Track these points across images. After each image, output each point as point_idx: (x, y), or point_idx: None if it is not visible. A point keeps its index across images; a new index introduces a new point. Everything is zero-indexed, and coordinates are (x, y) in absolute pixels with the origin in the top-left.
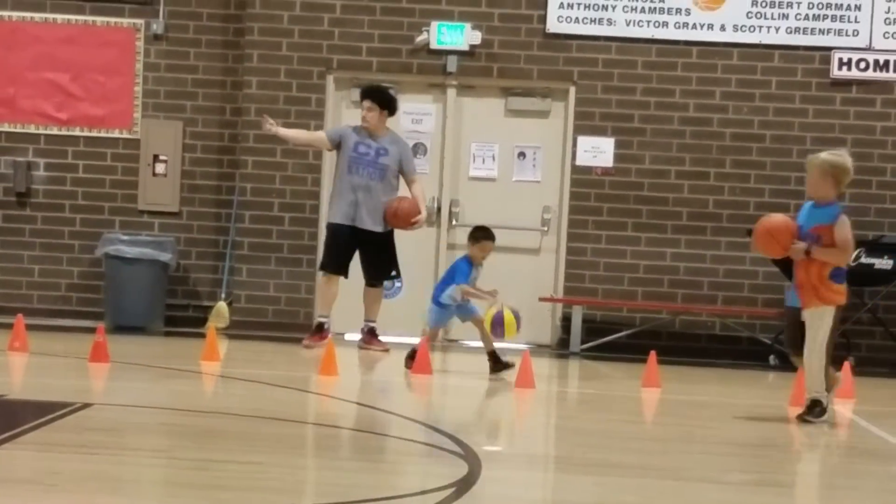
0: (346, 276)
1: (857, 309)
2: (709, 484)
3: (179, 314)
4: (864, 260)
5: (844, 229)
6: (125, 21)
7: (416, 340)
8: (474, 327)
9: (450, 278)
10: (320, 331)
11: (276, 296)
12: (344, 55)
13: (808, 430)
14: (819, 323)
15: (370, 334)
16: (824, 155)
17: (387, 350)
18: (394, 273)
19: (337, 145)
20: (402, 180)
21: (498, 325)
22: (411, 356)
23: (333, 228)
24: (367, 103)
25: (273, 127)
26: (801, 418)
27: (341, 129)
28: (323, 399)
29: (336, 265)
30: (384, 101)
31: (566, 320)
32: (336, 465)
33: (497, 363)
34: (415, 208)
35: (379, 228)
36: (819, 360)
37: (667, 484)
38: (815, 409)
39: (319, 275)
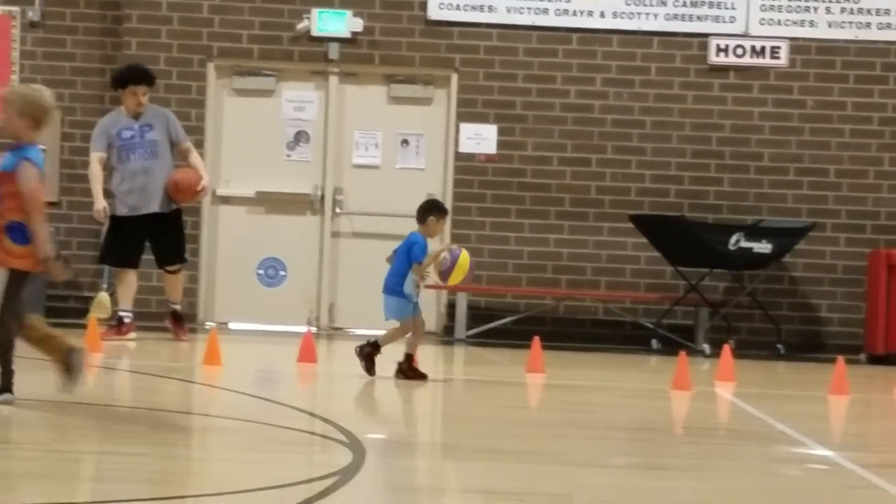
0: (136, 267)
1: (736, 292)
2: (594, 468)
3: (60, 305)
4: (743, 244)
5: (28, 178)
6: (0, 8)
7: (300, 329)
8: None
9: (404, 258)
10: (120, 324)
11: (158, 286)
12: (224, 42)
13: (692, 414)
14: None
15: (174, 319)
16: (19, 88)
17: (185, 340)
18: (182, 258)
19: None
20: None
21: (451, 263)
22: (409, 367)
23: (116, 221)
24: (143, 88)
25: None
26: None
27: (103, 131)
28: (207, 389)
29: (118, 257)
30: (153, 80)
31: (451, 307)
32: (220, 455)
33: (412, 370)
34: (195, 177)
35: (165, 209)
36: None
37: (552, 469)
38: None
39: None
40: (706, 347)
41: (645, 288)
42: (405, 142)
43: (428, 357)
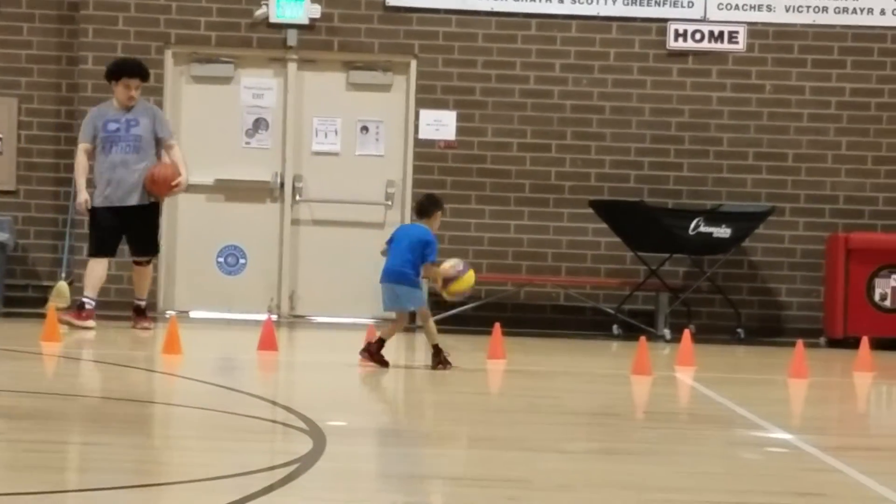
0: (112, 256)
1: (696, 277)
2: (554, 453)
3: (19, 295)
4: (702, 229)
5: None
6: None
7: (261, 317)
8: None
9: (418, 252)
10: (81, 309)
11: (117, 274)
12: (182, 29)
13: (652, 399)
14: None
15: (136, 312)
16: None
17: (149, 328)
18: (152, 250)
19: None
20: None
21: (461, 270)
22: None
23: (95, 212)
24: (136, 82)
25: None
26: None
27: (91, 122)
28: (167, 378)
29: (97, 248)
30: (147, 75)
31: None
32: (181, 444)
33: (379, 355)
34: (171, 172)
35: (144, 201)
36: None
37: (512, 454)
38: None
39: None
40: (667, 332)
41: (605, 273)
42: (364, 128)
43: (389, 344)
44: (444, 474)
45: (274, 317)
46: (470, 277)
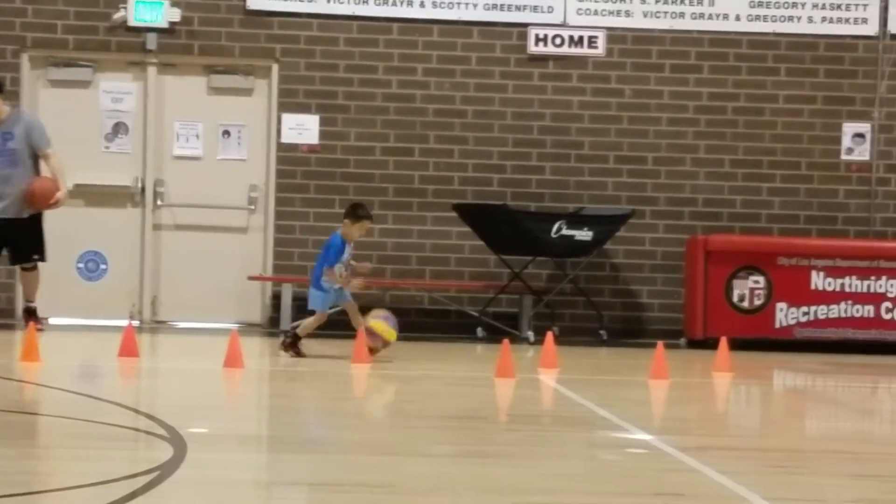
0: None
1: (559, 280)
2: (419, 457)
3: None
4: (565, 232)
5: None
6: None
7: (122, 323)
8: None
9: (321, 256)
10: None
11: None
12: (39, 33)
13: (515, 401)
14: None
15: (28, 314)
16: None
17: (42, 329)
18: (36, 256)
19: None
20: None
21: (374, 336)
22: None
23: None
24: None
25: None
26: None
27: None
28: (24, 386)
29: None
30: None
31: (276, 298)
32: (39, 453)
33: (295, 347)
34: (50, 186)
35: (22, 215)
36: None
37: (377, 459)
38: None
39: None
40: (530, 335)
41: (469, 276)
42: (226, 133)
43: (253, 349)
44: (307, 480)
45: (135, 322)
46: (391, 335)
